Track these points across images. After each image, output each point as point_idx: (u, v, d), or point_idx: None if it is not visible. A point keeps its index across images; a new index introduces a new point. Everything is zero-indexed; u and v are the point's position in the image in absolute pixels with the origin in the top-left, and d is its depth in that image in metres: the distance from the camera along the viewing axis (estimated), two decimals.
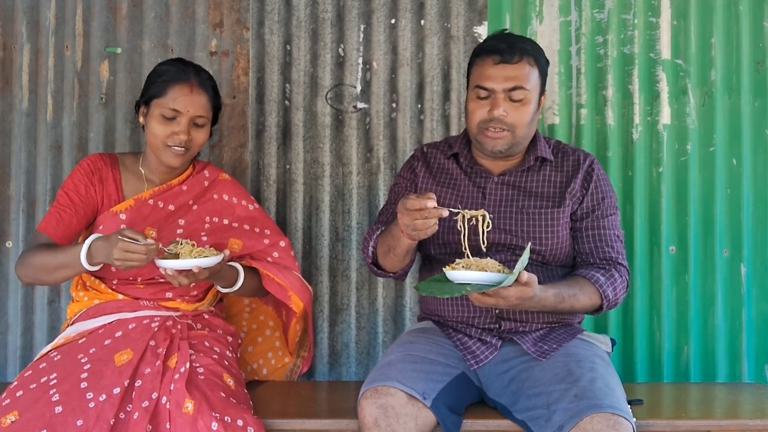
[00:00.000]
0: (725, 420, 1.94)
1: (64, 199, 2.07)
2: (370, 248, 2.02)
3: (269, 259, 2.22)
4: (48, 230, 2.03)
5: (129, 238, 1.79)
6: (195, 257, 1.86)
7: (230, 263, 2.09)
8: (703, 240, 2.56)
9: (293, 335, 2.31)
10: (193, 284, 1.99)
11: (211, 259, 1.87)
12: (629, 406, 1.78)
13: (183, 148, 2.05)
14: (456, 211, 1.80)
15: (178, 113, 2.03)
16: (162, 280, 2.06)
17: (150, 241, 1.80)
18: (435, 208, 1.70)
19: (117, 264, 1.81)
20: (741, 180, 2.55)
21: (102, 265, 1.93)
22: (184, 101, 2.03)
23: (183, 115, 2.03)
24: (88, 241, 1.90)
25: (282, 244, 2.23)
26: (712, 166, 2.55)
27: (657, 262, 2.56)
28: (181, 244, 1.91)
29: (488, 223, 1.81)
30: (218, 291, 2.16)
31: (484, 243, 1.84)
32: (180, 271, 1.86)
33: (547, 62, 2.05)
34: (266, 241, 2.20)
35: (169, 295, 2.10)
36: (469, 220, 1.82)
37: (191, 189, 2.16)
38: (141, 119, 2.09)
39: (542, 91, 2.02)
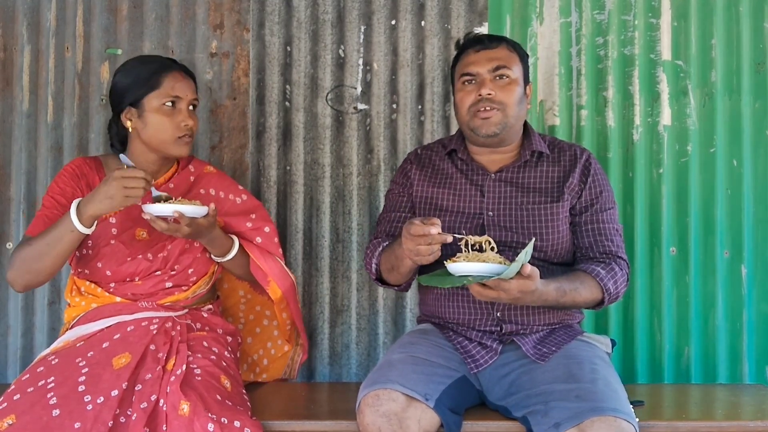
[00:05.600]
0: (726, 421, 1.95)
1: (50, 202, 2.02)
2: (374, 265, 2.04)
3: (254, 242, 2.18)
4: (35, 234, 1.96)
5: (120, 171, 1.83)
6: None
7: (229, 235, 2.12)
8: (704, 241, 2.55)
9: (282, 324, 2.28)
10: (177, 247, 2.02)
11: (194, 208, 1.88)
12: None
13: (190, 136, 2.06)
14: (460, 236, 1.81)
15: (179, 99, 2.04)
16: (159, 273, 2.05)
17: (141, 171, 1.84)
18: (439, 234, 1.70)
19: (118, 201, 1.81)
20: (741, 181, 2.54)
21: (96, 225, 1.91)
22: (182, 86, 2.05)
23: (183, 100, 2.04)
24: (74, 203, 1.89)
25: (266, 229, 2.19)
26: (712, 167, 2.55)
27: (657, 263, 2.55)
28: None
29: (493, 246, 1.80)
30: (212, 275, 2.14)
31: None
32: (162, 218, 1.88)
33: (527, 55, 2.11)
34: (249, 224, 2.16)
35: (168, 285, 2.06)
36: (473, 245, 1.81)
37: (178, 186, 2.13)
38: (128, 123, 2.05)
39: (526, 82, 2.08)
